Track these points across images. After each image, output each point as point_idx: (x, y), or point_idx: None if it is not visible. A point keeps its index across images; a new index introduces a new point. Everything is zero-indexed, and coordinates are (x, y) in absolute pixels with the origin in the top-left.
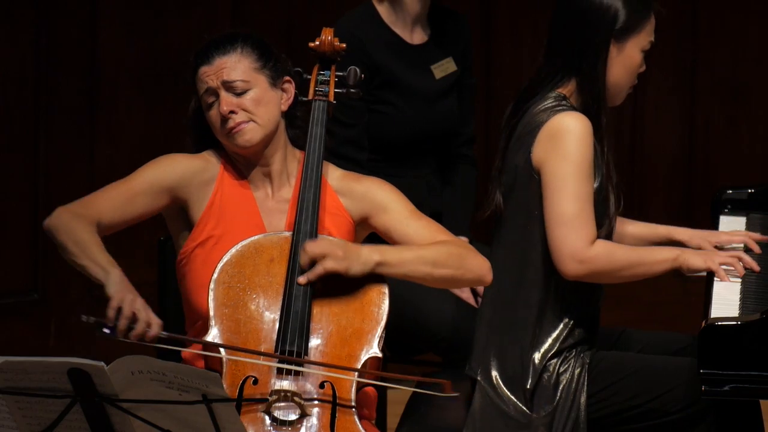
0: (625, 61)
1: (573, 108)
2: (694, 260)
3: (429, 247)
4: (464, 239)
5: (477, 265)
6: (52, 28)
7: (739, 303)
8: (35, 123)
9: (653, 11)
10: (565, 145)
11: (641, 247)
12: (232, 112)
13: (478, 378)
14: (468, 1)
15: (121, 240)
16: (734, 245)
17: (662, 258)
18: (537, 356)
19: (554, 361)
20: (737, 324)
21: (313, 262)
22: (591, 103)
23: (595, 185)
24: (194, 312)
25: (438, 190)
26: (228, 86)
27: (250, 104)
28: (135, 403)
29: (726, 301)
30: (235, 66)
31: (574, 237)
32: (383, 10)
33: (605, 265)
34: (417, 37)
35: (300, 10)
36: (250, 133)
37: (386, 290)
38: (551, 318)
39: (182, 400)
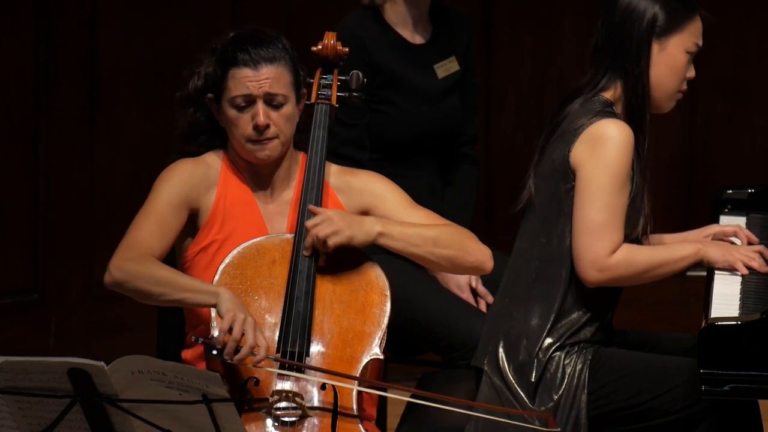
0: (667, 60)
1: (618, 116)
2: (713, 253)
3: (431, 227)
4: None
5: (478, 250)
6: (52, 28)
7: (739, 303)
8: (35, 123)
9: (698, 14)
10: (605, 153)
11: (662, 247)
12: (267, 126)
13: (485, 368)
14: (468, 1)
15: (120, 240)
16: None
17: (683, 255)
18: (543, 348)
19: (558, 354)
20: (737, 324)
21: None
22: (635, 101)
23: (631, 193)
24: (195, 315)
25: (439, 190)
26: (269, 98)
27: (282, 120)
28: (135, 403)
29: (726, 301)
30: (280, 79)
31: (598, 246)
32: (384, 10)
33: (625, 271)
34: (419, 36)
35: (300, 10)
36: (273, 150)
37: (388, 292)
38: (566, 313)
39: (182, 400)
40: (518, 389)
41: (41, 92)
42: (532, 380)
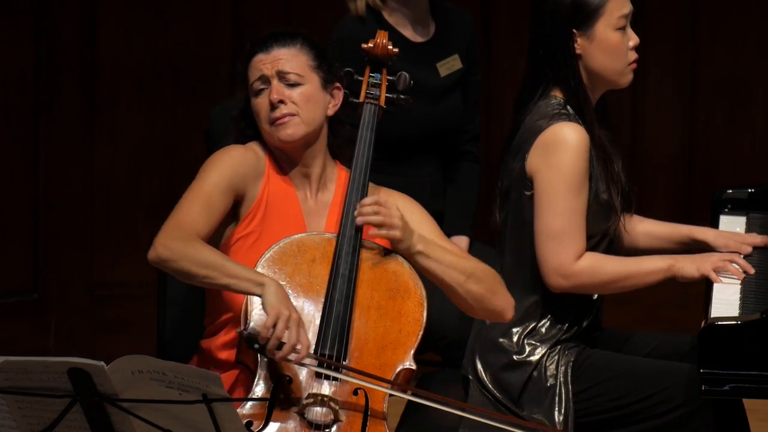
0: (601, 47)
1: (571, 116)
2: (688, 269)
3: (470, 260)
4: (465, 238)
5: (505, 297)
6: (52, 28)
7: (739, 303)
8: (35, 123)
9: None
10: (558, 157)
11: (632, 258)
12: (281, 101)
13: (470, 376)
14: (468, 1)
15: (121, 240)
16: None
17: (654, 269)
18: (522, 353)
19: (539, 357)
20: (737, 324)
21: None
22: (573, 101)
23: (592, 193)
24: (225, 304)
25: (440, 189)
26: (282, 76)
27: (300, 99)
28: (135, 402)
29: (726, 301)
30: (292, 58)
31: (561, 252)
32: (383, 12)
33: (590, 279)
34: (420, 34)
35: (300, 10)
36: (293, 128)
37: (425, 303)
38: (542, 316)
39: (182, 400)
40: (501, 398)
41: (41, 92)
42: (515, 386)
